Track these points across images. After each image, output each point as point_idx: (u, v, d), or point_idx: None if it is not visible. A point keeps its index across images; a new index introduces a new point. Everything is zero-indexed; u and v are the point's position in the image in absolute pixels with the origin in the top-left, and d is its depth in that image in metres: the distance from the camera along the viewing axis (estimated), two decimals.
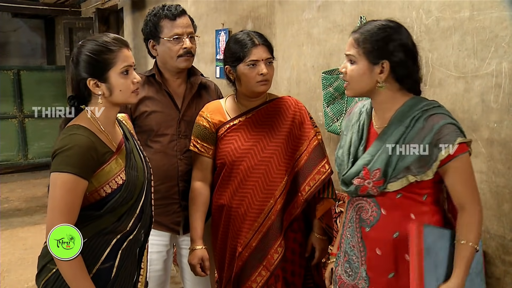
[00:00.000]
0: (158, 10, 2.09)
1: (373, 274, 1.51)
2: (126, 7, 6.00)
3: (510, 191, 1.80)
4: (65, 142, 1.47)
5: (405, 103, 1.48)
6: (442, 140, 1.39)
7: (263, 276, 1.92)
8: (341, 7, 2.55)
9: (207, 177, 2.01)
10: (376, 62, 1.45)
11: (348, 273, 1.58)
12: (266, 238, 1.91)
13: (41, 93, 7.21)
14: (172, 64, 2.08)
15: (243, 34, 1.93)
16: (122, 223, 1.55)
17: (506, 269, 1.84)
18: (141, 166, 1.65)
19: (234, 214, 1.93)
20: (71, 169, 1.43)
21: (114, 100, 1.57)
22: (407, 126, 1.45)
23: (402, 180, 1.43)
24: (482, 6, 1.83)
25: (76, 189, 1.44)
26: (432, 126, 1.41)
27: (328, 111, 2.50)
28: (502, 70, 1.78)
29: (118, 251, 1.55)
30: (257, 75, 1.87)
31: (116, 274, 1.55)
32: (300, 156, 1.96)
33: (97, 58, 1.52)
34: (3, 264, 4.00)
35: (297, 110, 2.00)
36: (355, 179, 1.51)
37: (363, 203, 1.53)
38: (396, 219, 1.47)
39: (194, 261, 1.96)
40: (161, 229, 2.12)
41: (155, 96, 2.11)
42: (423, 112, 1.44)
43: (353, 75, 1.49)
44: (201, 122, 1.99)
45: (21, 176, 6.98)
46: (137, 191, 1.60)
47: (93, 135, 1.52)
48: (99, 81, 1.53)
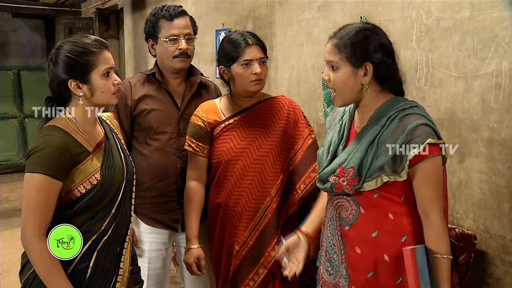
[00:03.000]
0: (157, 11, 2.12)
1: (353, 272, 1.51)
2: (126, 7, 6.00)
3: (510, 191, 1.80)
4: (38, 142, 1.48)
5: (384, 103, 1.49)
6: (413, 140, 1.38)
7: (260, 274, 1.94)
8: (341, 7, 2.55)
9: (202, 176, 2.02)
10: (359, 65, 1.45)
11: (329, 272, 1.59)
12: (263, 237, 1.93)
13: (41, 93, 7.11)
14: (168, 64, 2.10)
15: (236, 34, 1.94)
16: (97, 222, 1.55)
17: (506, 269, 1.84)
18: (120, 165, 1.64)
19: (231, 213, 1.94)
20: (42, 169, 1.44)
21: (95, 101, 1.58)
22: (383, 125, 1.45)
23: (377, 180, 1.44)
24: (482, 6, 1.83)
25: (49, 189, 1.45)
26: (405, 126, 1.41)
27: (328, 111, 2.50)
28: (502, 70, 1.78)
29: (93, 251, 1.55)
30: (251, 75, 1.88)
31: (91, 274, 1.54)
32: (295, 154, 1.98)
33: (79, 60, 1.52)
34: (3, 264, 4.00)
35: (291, 109, 2.01)
36: (330, 176, 1.52)
37: (343, 201, 1.54)
38: (374, 218, 1.48)
39: (190, 260, 1.98)
40: (160, 227, 2.13)
41: (155, 94, 2.12)
42: (399, 112, 1.44)
43: (337, 81, 1.48)
44: (196, 121, 1.99)
45: (21, 176, 6.83)
46: (113, 191, 1.59)
47: (68, 136, 1.52)
48: (80, 82, 1.54)
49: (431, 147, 1.39)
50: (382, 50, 1.45)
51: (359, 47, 1.44)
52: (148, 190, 2.10)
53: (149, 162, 2.08)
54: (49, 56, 1.58)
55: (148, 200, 2.11)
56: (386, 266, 1.46)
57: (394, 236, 1.46)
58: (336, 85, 1.50)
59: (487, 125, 1.85)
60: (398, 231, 1.46)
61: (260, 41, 1.94)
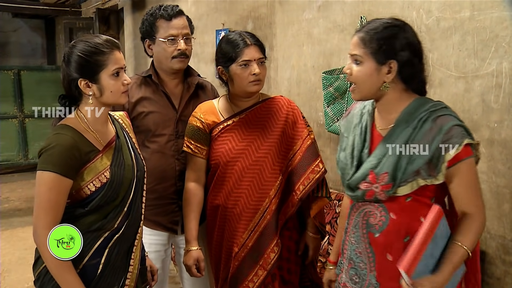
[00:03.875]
0: (155, 10, 2.09)
1: (383, 280, 1.46)
2: (126, 7, 6.00)
3: (510, 191, 1.80)
4: (49, 141, 1.51)
5: (410, 104, 1.44)
6: (450, 141, 1.35)
7: (260, 275, 1.93)
8: (341, 7, 2.55)
9: (201, 177, 2.01)
10: (384, 62, 1.40)
11: (354, 281, 1.54)
12: (262, 238, 1.92)
13: (42, 93, 7.19)
14: (166, 64, 2.09)
15: (235, 35, 1.93)
16: (109, 220, 1.57)
17: (506, 269, 1.84)
18: (130, 164, 1.65)
19: (230, 214, 1.93)
20: (52, 167, 1.46)
21: (105, 101, 1.59)
22: (415, 127, 1.40)
23: (412, 183, 1.39)
24: (482, 6, 1.83)
25: (59, 187, 1.47)
26: (440, 127, 1.36)
27: (328, 111, 2.50)
28: (502, 70, 1.78)
29: (105, 248, 1.57)
30: (249, 75, 1.87)
31: (102, 271, 1.56)
32: (293, 155, 1.96)
33: (89, 59, 1.54)
34: (3, 264, 4.00)
35: (290, 109, 2.00)
36: (361, 183, 1.45)
37: (370, 207, 1.48)
38: (406, 223, 1.43)
39: (190, 262, 1.97)
40: (159, 228, 2.12)
41: (152, 96, 2.11)
42: (430, 113, 1.40)
43: (359, 76, 1.44)
44: (194, 122, 1.99)
45: (21, 176, 6.98)
46: (124, 189, 1.60)
47: (78, 135, 1.54)
48: (90, 81, 1.56)
49: (466, 148, 1.36)
50: (409, 48, 1.41)
51: (385, 43, 1.39)
52: (147, 192, 2.08)
53: (147, 164, 2.08)
54: (63, 54, 1.60)
55: (147, 202, 2.09)
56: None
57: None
58: (357, 80, 1.45)
59: (487, 125, 1.85)
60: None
61: (259, 42, 1.93)
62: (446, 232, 1.40)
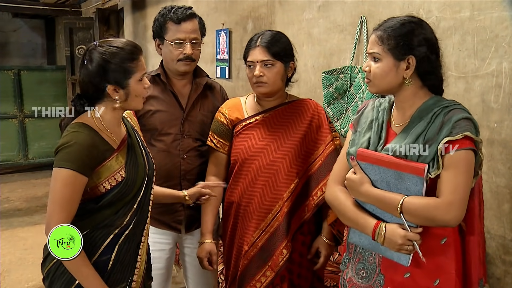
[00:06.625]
0: (166, 11, 2.09)
1: (388, 273, 1.48)
2: (126, 7, 6.00)
3: (510, 191, 1.80)
4: (67, 139, 1.52)
5: (425, 102, 1.46)
6: (455, 130, 1.36)
7: (268, 276, 1.92)
8: (342, 7, 2.55)
9: (221, 172, 2.02)
10: (402, 58, 1.43)
11: (361, 275, 1.56)
12: (273, 239, 1.90)
13: (42, 93, 7.21)
14: (172, 66, 2.11)
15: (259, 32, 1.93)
16: (120, 217, 1.60)
17: (506, 269, 1.84)
18: (142, 162, 1.69)
19: (243, 212, 1.93)
20: (70, 165, 1.48)
21: (128, 104, 1.63)
22: (429, 122, 1.42)
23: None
24: (482, 6, 1.83)
25: (75, 184, 1.49)
26: (451, 118, 1.38)
27: (328, 111, 2.50)
28: (502, 70, 1.78)
29: (115, 244, 1.60)
30: (253, 77, 1.87)
31: (112, 267, 1.59)
32: (314, 160, 1.94)
33: (122, 66, 1.56)
34: (3, 264, 4.00)
35: (315, 113, 1.97)
36: None
37: None
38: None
39: (202, 254, 1.97)
40: (163, 228, 2.13)
41: (160, 95, 2.12)
42: (443, 108, 1.42)
43: (378, 73, 1.46)
44: (219, 117, 1.99)
45: (21, 176, 6.98)
46: (136, 187, 1.64)
47: (96, 133, 1.57)
48: (119, 87, 1.58)
49: (466, 140, 1.35)
50: (426, 44, 1.42)
51: (403, 39, 1.42)
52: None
53: None
54: (83, 56, 1.60)
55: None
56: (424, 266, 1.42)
57: (433, 236, 1.43)
58: (375, 76, 1.47)
59: (487, 125, 1.85)
60: (438, 232, 1.43)
61: (270, 43, 1.87)
62: (414, 189, 1.38)
